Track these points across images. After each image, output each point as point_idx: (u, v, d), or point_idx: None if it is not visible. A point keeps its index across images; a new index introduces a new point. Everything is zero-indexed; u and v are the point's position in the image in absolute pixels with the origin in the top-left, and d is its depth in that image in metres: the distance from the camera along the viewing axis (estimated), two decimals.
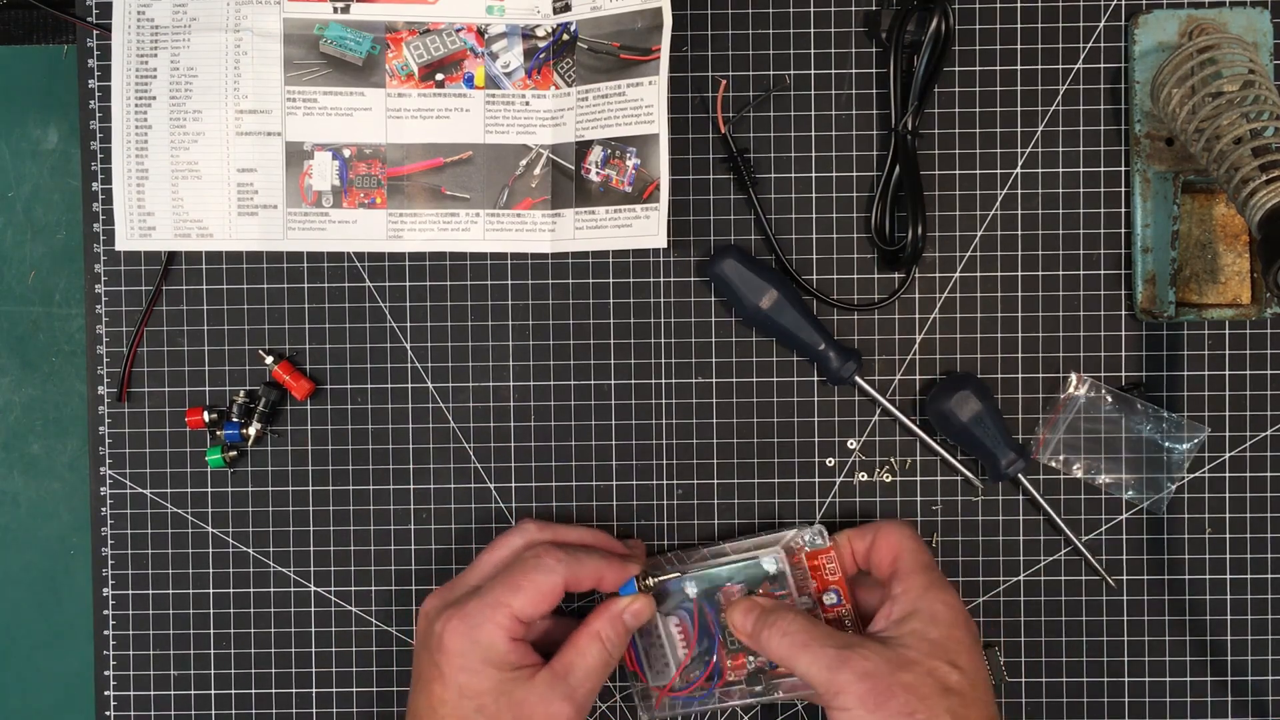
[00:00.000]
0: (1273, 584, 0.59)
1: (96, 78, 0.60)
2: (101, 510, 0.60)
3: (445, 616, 0.51)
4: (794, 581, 0.55)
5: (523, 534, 0.55)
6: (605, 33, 0.58)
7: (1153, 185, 0.58)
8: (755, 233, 0.59)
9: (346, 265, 0.60)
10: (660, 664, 0.56)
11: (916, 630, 0.48)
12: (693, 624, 0.55)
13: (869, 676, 0.46)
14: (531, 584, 0.51)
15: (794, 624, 0.50)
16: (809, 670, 0.48)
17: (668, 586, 0.56)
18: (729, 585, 0.55)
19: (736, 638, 0.53)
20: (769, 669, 0.55)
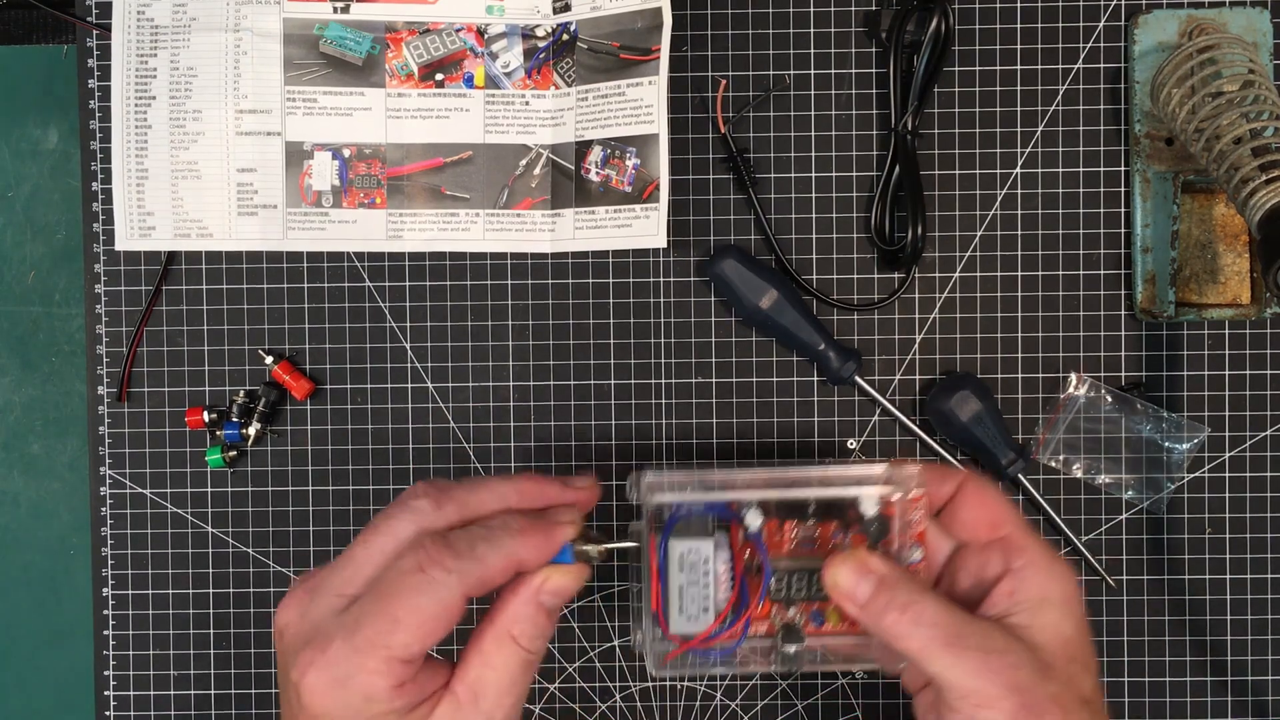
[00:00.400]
0: (1273, 584, 0.59)
1: (96, 78, 0.60)
2: (101, 510, 0.60)
3: (304, 660, 0.38)
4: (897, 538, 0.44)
5: (411, 516, 0.40)
6: (605, 33, 0.58)
7: (1153, 185, 0.58)
8: (755, 233, 0.59)
9: (346, 265, 0.60)
10: (694, 607, 0.44)
11: (1052, 625, 0.41)
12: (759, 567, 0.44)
13: (1021, 690, 0.39)
14: (414, 612, 0.38)
15: (936, 612, 0.40)
16: (948, 674, 0.39)
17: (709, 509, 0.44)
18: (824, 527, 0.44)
19: (835, 601, 0.43)
20: (811, 623, 0.45)
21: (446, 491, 0.41)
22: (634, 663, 0.60)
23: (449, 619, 0.38)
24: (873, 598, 0.41)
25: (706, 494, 0.44)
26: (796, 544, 0.45)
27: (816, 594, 0.44)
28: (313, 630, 0.39)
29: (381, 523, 0.40)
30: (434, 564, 0.38)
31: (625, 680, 0.60)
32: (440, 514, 0.41)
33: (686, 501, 0.44)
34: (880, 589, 0.41)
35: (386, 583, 0.39)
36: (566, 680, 0.60)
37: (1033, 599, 0.41)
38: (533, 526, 0.41)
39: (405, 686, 0.38)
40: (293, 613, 0.40)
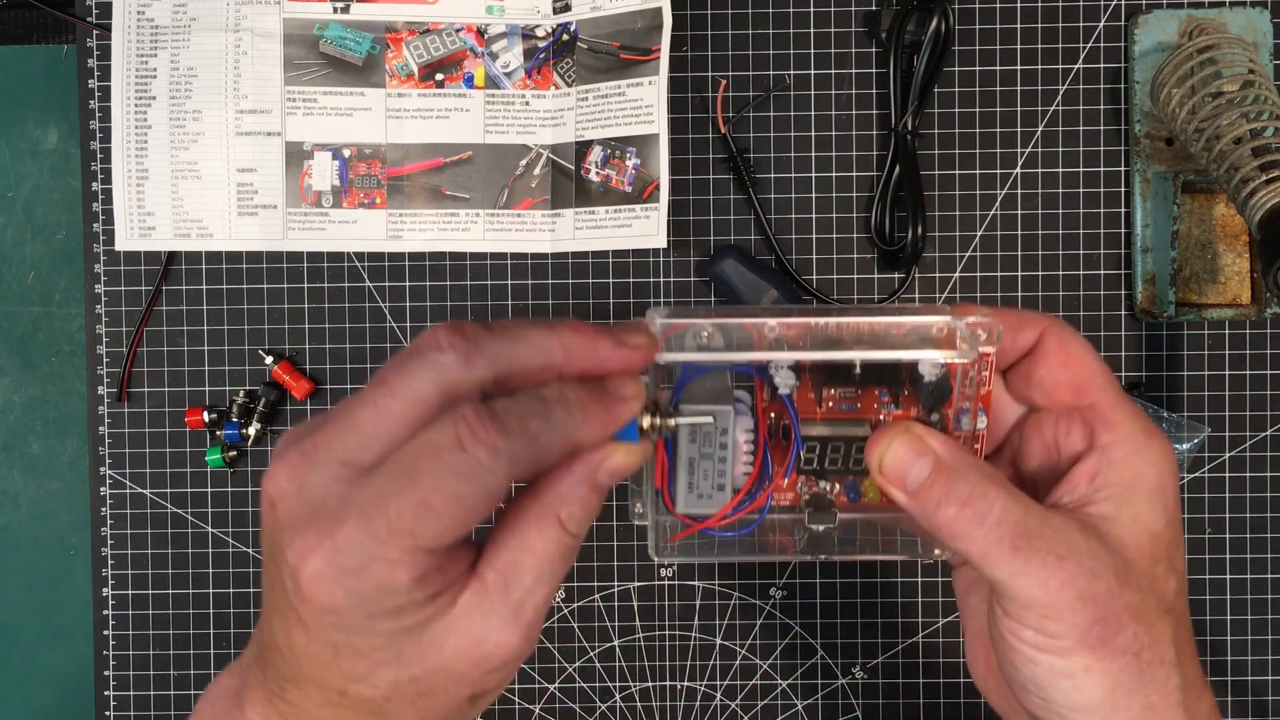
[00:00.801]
0: (1273, 584, 0.59)
1: (96, 78, 0.60)
2: (101, 510, 0.60)
3: (306, 543, 0.31)
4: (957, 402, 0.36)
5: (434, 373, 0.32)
6: (605, 33, 0.58)
7: (1153, 185, 0.58)
8: (755, 233, 0.59)
9: (346, 265, 0.60)
10: (707, 484, 0.37)
11: (1140, 517, 0.34)
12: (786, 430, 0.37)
13: (1094, 602, 0.32)
14: (451, 499, 0.30)
15: (1004, 506, 0.33)
16: (1013, 581, 0.33)
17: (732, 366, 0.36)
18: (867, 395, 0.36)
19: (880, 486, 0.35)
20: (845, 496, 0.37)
21: (477, 343, 0.32)
22: (634, 663, 0.60)
23: (489, 507, 0.31)
24: (927, 485, 0.34)
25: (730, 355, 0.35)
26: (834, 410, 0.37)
27: (854, 466, 0.37)
28: (316, 506, 0.31)
29: (395, 378, 0.32)
30: (478, 442, 0.30)
31: (625, 680, 0.60)
32: (470, 372, 0.32)
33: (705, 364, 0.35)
34: (937, 475, 0.34)
35: (414, 458, 0.31)
36: (566, 680, 0.60)
37: (1120, 485, 0.34)
38: (594, 401, 0.33)
39: (428, 576, 0.31)
40: (287, 481, 0.32)
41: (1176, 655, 0.34)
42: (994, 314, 0.35)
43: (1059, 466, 0.36)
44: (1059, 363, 0.36)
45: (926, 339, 0.35)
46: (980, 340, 0.35)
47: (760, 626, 0.60)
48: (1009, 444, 0.38)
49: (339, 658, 0.32)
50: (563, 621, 0.60)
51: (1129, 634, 0.33)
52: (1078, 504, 0.35)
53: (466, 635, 0.32)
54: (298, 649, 0.32)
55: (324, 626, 0.32)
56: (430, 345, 0.32)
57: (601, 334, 0.34)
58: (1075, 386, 0.36)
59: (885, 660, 0.59)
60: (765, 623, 0.60)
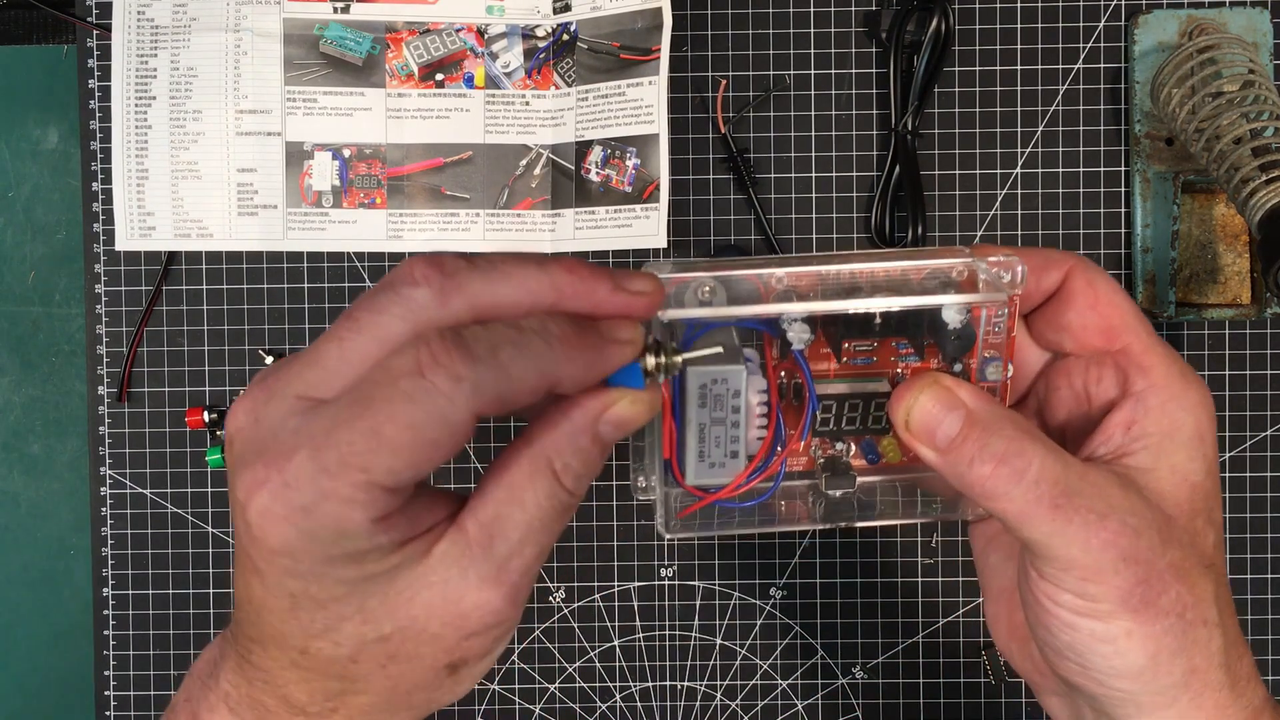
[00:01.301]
0: (1273, 584, 0.59)
1: (96, 78, 0.60)
2: (101, 510, 0.60)
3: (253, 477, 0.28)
4: (980, 351, 0.34)
5: (406, 309, 0.29)
6: (605, 33, 0.58)
7: (1153, 185, 0.58)
8: (755, 233, 0.59)
9: (346, 265, 0.60)
10: (719, 452, 0.33)
11: (1179, 467, 0.32)
12: (798, 388, 0.34)
13: (1137, 562, 0.30)
14: (406, 428, 0.27)
15: (1042, 464, 0.31)
16: (1051, 542, 0.31)
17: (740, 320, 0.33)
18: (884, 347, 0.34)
19: (906, 444, 0.33)
20: (864, 457, 0.35)
21: (454, 278, 0.29)
22: (634, 663, 0.60)
23: (451, 441, 0.28)
24: (959, 441, 0.31)
25: (739, 310, 0.33)
26: (849, 360, 0.34)
27: (873, 425, 0.35)
28: (268, 438, 0.28)
29: (364, 314, 0.29)
30: (438, 367, 0.27)
31: (625, 680, 0.60)
32: (446, 310, 0.29)
33: (713, 319, 0.32)
34: (970, 430, 0.31)
35: (370, 384, 0.28)
36: (566, 680, 0.60)
37: (1157, 433, 0.32)
38: (579, 334, 0.29)
39: (391, 519, 0.28)
40: (244, 416, 0.30)
41: (1219, 614, 0.32)
42: (1016, 253, 0.33)
43: (1090, 416, 0.34)
44: (1087, 305, 0.33)
45: (947, 283, 0.33)
46: (1004, 282, 0.33)
47: (760, 626, 0.60)
48: (1034, 393, 0.36)
49: (297, 609, 0.29)
50: (563, 621, 0.60)
51: (1172, 595, 0.31)
52: (1114, 455, 0.32)
53: (441, 590, 0.29)
54: (256, 599, 0.30)
55: (278, 571, 0.29)
56: (405, 279, 0.29)
57: (599, 275, 0.30)
58: (1105, 330, 0.33)
59: (885, 660, 0.59)
60: (765, 623, 0.60)
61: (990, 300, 0.33)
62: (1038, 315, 0.35)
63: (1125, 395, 0.33)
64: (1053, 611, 0.32)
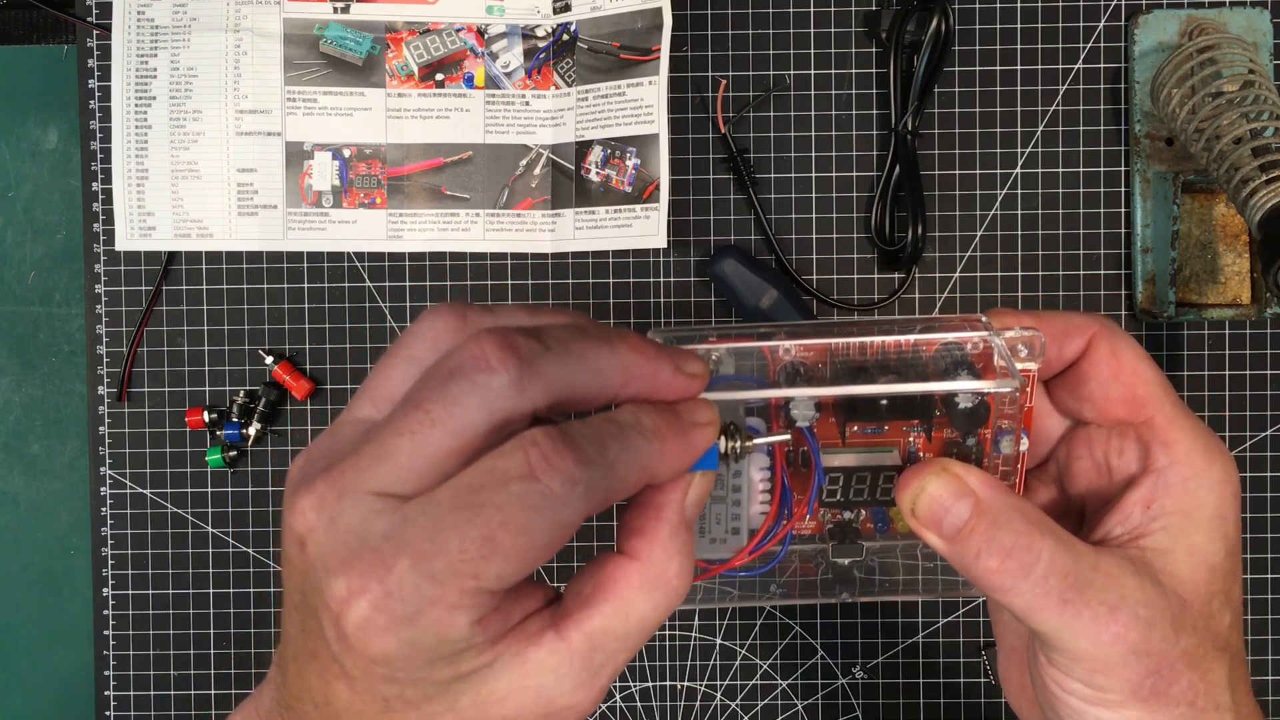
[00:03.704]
0: (1273, 584, 0.59)
1: (96, 78, 0.60)
2: (101, 510, 0.60)
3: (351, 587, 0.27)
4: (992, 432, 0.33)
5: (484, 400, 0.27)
6: (605, 33, 0.58)
7: (1153, 185, 0.58)
8: (755, 233, 0.59)
9: (346, 265, 0.60)
10: (720, 528, 0.34)
11: (1197, 549, 0.31)
12: (805, 458, 0.33)
13: (1149, 653, 0.30)
14: (521, 535, 0.26)
15: (1051, 557, 0.30)
16: (1060, 635, 0.30)
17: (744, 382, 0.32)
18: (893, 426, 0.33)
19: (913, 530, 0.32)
20: (873, 524, 0.34)
21: (531, 364, 0.27)
22: (634, 663, 0.60)
23: (561, 543, 0.27)
24: (967, 532, 0.31)
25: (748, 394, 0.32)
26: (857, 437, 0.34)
27: (882, 497, 0.34)
28: (356, 544, 0.27)
29: (437, 406, 0.27)
30: (553, 470, 0.26)
31: (625, 680, 0.60)
32: (524, 398, 0.27)
33: (718, 379, 0.32)
34: (978, 521, 0.31)
35: (477, 488, 0.26)
36: None
37: (1177, 513, 0.31)
38: (670, 429, 0.29)
39: (488, 619, 0.28)
40: (315, 515, 0.28)
41: (1231, 698, 0.31)
42: (1036, 321, 0.32)
43: (1110, 489, 0.33)
44: (1110, 374, 0.33)
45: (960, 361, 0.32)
46: (1022, 356, 0.32)
47: (760, 626, 0.60)
48: (1053, 460, 0.35)
49: (389, 711, 0.28)
50: None
51: (1183, 684, 0.31)
52: (1131, 536, 0.32)
53: (536, 694, 0.29)
54: (339, 703, 0.29)
55: (373, 679, 0.28)
56: (478, 365, 0.27)
57: (662, 358, 0.29)
58: (1129, 401, 0.32)
59: (885, 660, 0.59)
60: (765, 623, 0.60)
61: (999, 390, 0.32)
62: (1059, 382, 0.34)
63: (1146, 471, 0.32)
64: (1061, 698, 0.32)
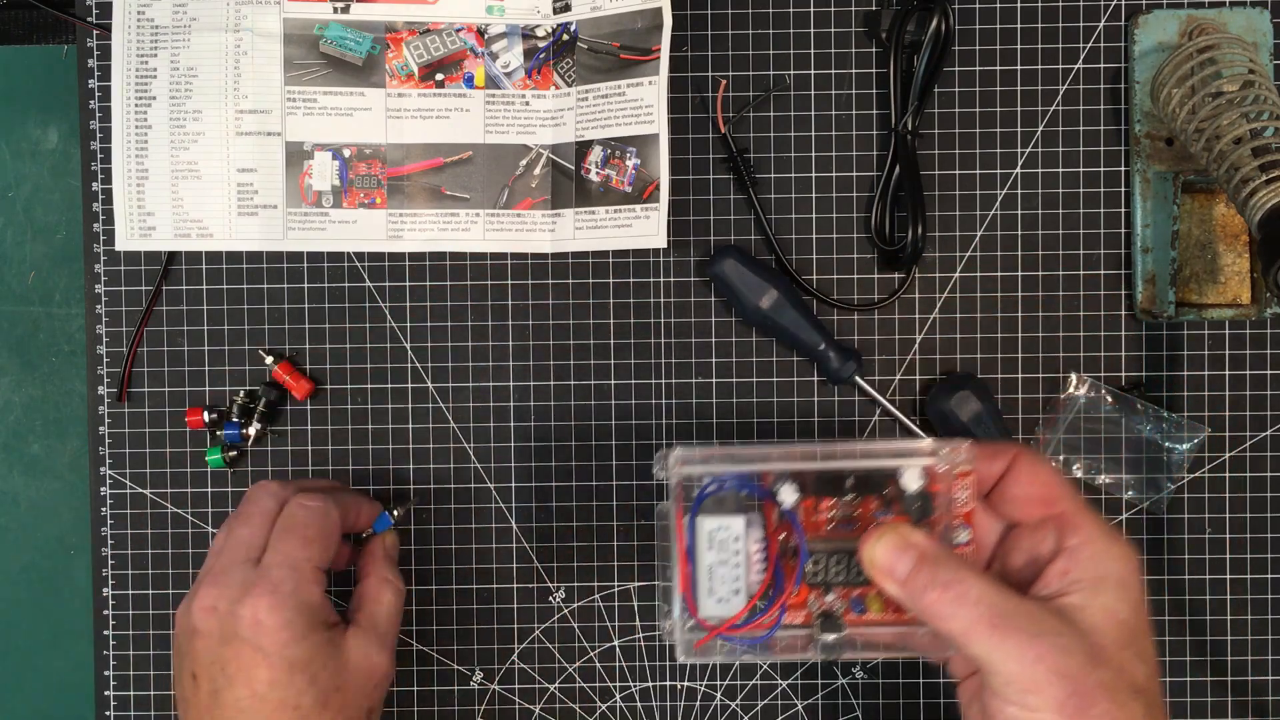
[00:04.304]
0: (1273, 584, 0.59)
1: (96, 78, 0.60)
2: (101, 510, 0.60)
3: (249, 599, 0.46)
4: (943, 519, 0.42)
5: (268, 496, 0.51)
6: (605, 33, 0.58)
7: (1153, 185, 0.58)
8: (755, 233, 0.59)
9: (346, 265, 0.60)
10: (726, 589, 0.42)
11: (1108, 607, 0.38)
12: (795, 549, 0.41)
13: (1068, 678, 0.36)
14: (319, 533, 0.49)
15: (981, 590, 0.38)
16: (991, 657, 0.37)
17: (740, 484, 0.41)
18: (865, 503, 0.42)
19: (873, 579, 0.41)
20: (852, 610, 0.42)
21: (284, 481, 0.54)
22: (634, 663, 0.60)
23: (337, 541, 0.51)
24: (912, 574, 0.39)
25: (736, 466, 0.41)
26: (835, 524, 0.42)
27: (856, 578, 0.42)
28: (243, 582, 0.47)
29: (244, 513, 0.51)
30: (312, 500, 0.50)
31: (625, 680, 0.60)
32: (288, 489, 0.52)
33: (716, 475, 0.41)
34: (921, 565, 0.39)
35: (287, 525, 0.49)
36: (566, 680, 0.60)
37: (1088, 579, 0.39)
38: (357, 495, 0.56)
39: (327, 603, 0.49)
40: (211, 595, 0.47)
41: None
42: (970, 444, 0.41)
43: (1037, 568, 0.41)
44: (1029, 481, 0.41)
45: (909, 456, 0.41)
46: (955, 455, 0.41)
47: None
48: (996, 559, 0.43)
49: (294, 673, 0.46)
50: (563, 621, 0.60)
51: (1101, 708, 0.36)
52: (1052, 596, 0.39)
53: (362, 657, 0.49)
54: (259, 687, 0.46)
55: (280, 644, 0.46)
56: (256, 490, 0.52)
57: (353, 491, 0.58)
58: (1044, 500, 0.41)
59: (885, 660, 0.59)
60: None
61: (931, 463, 0.41)
62: (993, 494, 0.43)
63: (1062, 550, 0.40)
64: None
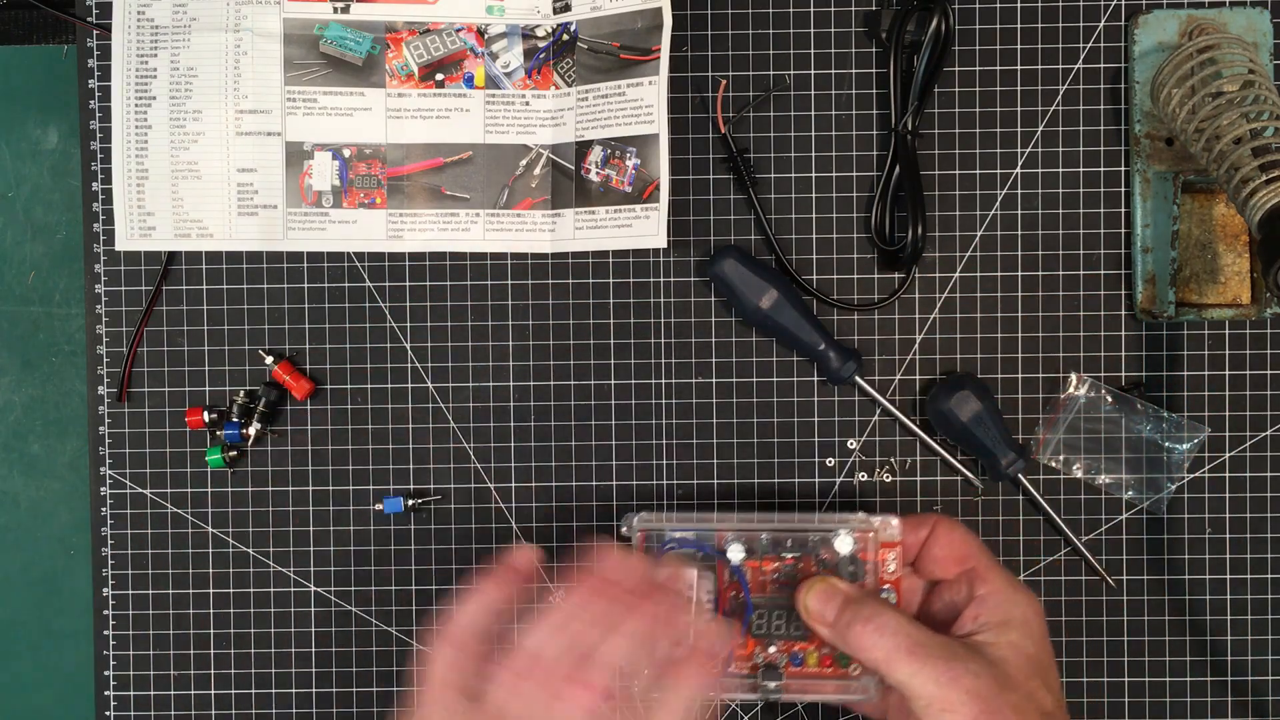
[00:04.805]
0: (1273, 584, 0.59)
1: (96, 78, 0.60)
2: (101, 510, 0.60)
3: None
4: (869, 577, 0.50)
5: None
6: (605, 33, 0.58)
7: (1153, 185, 0.58)
8: (755, 233, 0.59)
9: (346, 265, 0.60)
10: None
11: (1014, 643, 0.45)
12: (742, 604, 0.49)
13: (980, 697, 0.42)
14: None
15: (898, 623, 0.44)
16: (912, 681, 0.43)
17: (695, 544, 0.50)
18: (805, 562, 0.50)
19: (807, 624, 0.48)
20: (791, 664, 0.50)
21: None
22: None
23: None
24: (839, 615, 0.46)
25: (691, 525, 0.50)
26: (778, 585, 0.50)
27: (795, 633, 0.50)
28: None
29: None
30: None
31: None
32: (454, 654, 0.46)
33: (674, 533, 0.50)
34: (846, 606, 0.46)
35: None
36: None
37: (995, 621, 0.46)
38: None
39: None
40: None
41: None
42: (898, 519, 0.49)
43: (954, 614, 0.47)
44: (946, 543, 0.49)
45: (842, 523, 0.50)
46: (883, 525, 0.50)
47: None
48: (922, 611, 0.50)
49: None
50: None
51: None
52: (965, 635, 0.46)
53: None
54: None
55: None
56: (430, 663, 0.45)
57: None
58: (959, 558, 0.48)
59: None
60: None
61: (860, 527, 0.50)
62: (918, 558, 0.50)
63: (972, 598, 0.47)
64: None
